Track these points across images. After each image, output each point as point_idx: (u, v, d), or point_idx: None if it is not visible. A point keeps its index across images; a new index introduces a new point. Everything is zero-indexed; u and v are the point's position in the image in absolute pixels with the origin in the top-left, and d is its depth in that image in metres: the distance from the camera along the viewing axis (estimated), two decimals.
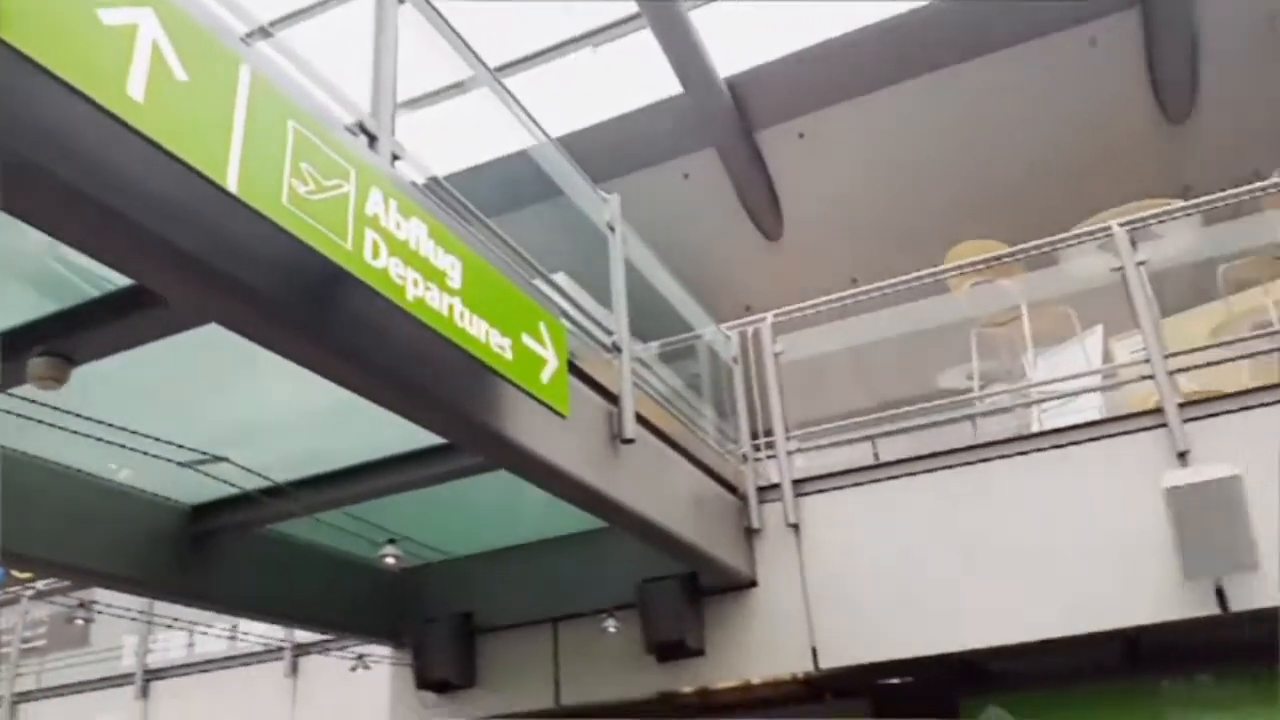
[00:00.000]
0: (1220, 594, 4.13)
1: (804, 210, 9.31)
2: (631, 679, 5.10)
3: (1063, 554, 4.40)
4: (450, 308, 2.50)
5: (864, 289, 5.52)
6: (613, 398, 3.89)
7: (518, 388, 2.81)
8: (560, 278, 4.18)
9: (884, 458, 5.12)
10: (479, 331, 2.60)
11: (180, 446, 3.62)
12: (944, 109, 8.28)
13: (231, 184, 1.92)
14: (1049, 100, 8.06)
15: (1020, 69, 7.97)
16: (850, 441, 5.64)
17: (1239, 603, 4.11)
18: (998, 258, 5.34)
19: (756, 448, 5.31)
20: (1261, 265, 5.37)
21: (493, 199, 3.66)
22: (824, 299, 5.52)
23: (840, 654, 4.69)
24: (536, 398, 2.89)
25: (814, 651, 4.72)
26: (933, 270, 5.44)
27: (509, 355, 2.72)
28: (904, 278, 5.35)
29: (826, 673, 4.82)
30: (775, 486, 5.09)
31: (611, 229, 4.28)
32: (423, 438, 3.53)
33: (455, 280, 2.55)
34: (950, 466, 4.80)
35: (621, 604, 5.08)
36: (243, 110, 1.97)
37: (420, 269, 2.42)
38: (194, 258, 2.09)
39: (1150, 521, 4.16)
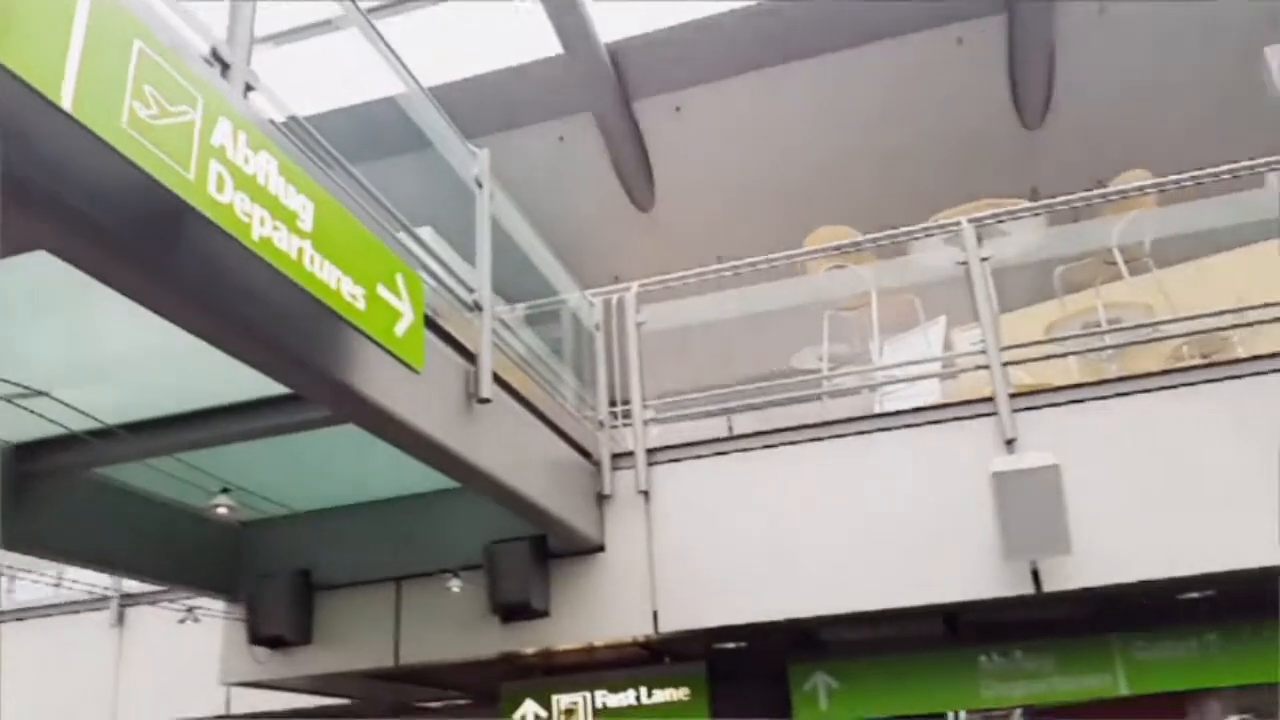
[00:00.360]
0: (1035, 575, 4.42)
1: (676, 184, 9.39)
2: (474, 639, 5.09)
3: (894, 531, 4.62)
4: (300, 251, 2.40)
5: (727, 265, 5.62)
6: (471, 357, 3.83)
7: (370, 339, 2.74)
8: (425, 232, 4.07)
9: (738, 432, 5.25)
10: (330, 278, 2.51)
11: None
12: (816, 95, 8.49)
13: (66, 101, 1.78)
14: (914, 95, 8.37)
15: (890, 62, 8.24)
16: (706, 415, 5.76)
17: (1052, 583, 4.40)
18: (855, 244, 5.52)
19: (614, 415, 5.36)
20: (1094, 268, 5.73)
21: (357, 145, 3.53)
22: (689, 272, 5.60)
23: (680, 619, 4.81)
24: (389, 351, 2.82)
25: (655, 615, 4.82)
26: (792, 252, 5.59)
27: (361, 305, 2.64)
28: (765, 257, 5.47)
29: (666, 636, 4.94)
30: (629, 454, 5.14)
31: (479, 184, 4.20)
32: (267, 386, 3.39)
33: (307, 222, 2.45)
34: (796, 442, 4.96)
35: (468, 565, 5.05)
36: (82, 24, 1.83)
37: (269, 207, 2.31)
38: (21, 179, 1.93)
39: (977, 504, 4.39)
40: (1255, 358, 4.57)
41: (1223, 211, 5.48)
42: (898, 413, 4.96)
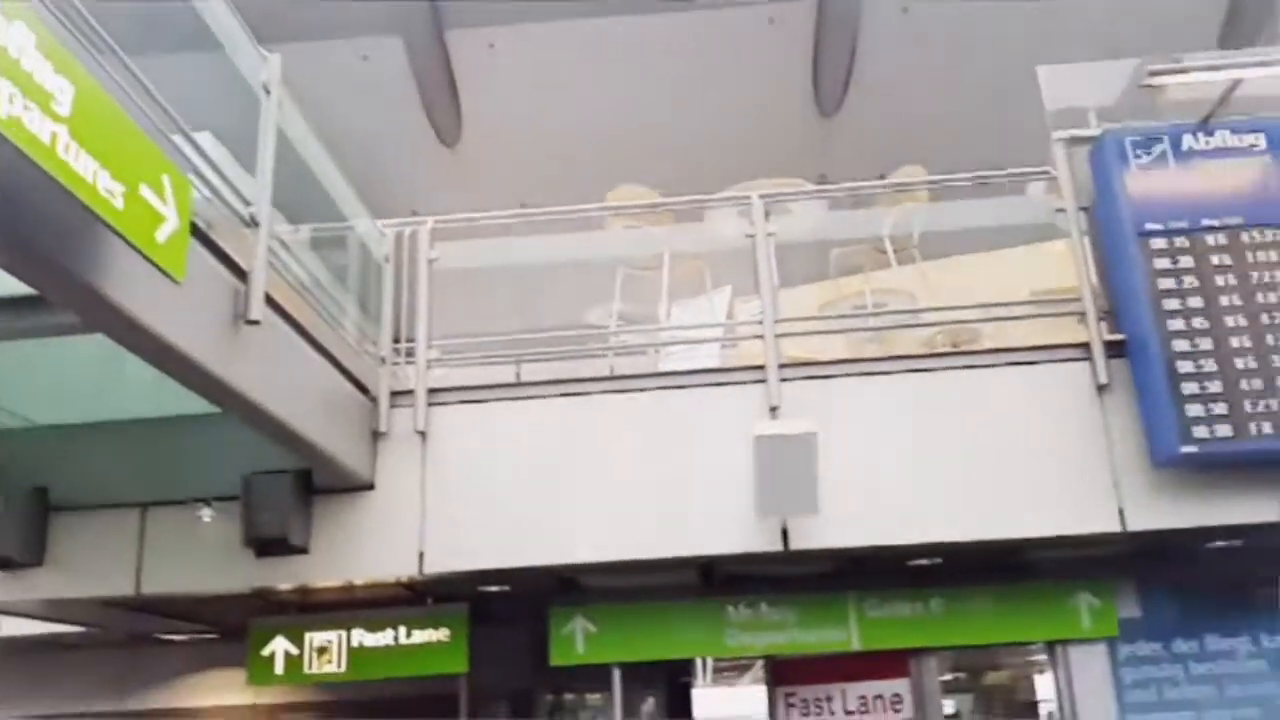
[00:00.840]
0: (785, 533, 4.72)
1: (484, 123, 9.20)
2: (225, 572, 4.87)
3: (660, 484, 4.79)
4: (53, 136, 2.19)
5: (529, 212, 5.60)
6: (243, 275, 3.62)
7: (126, 242, 2.53)
8: (204, 137, 3.79)
9: (525, 380, 5.27)
10: (85, 170, 2.30)
11: None
12: (630, 54, 8.53)
13: None
14: (722, 68, 8.57)
15: (703, 32, 8.40)
16: (493, 360, 5.74)
17: (799, 542, 4.71)
18: (652, 206, 5.64)
19: (397, 352, 5.24)
20: (866, 255, 6.13)
21: (137, 35, 3.23)
22: (488, 214, 5.53)
23: (446, 561, 4.80)
24: (147, 257, 2.62)
25: (421, 557, 4.79)
26: (591, 206, 5.63)
27: (119, 203, 2.44)
28: (566, 208, 5.48)
29: (431, 578, 4.92)
30: (409, 393, 5.05)
31: (267, 91, 3.95)
32: (6, 284, 3.08)
33: (64, 107, 2.23)
34: (578, 394, 5.03)
35: (224, 495, 4.81)
36: None
37: (20, 84, 2.09)
38: None
39: (738, 464, 4.59)
40: (998, 350, 5.04)
41: (986, 213, 5.97)
42: (674, 373, 5.13)
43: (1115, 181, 4.70)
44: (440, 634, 5.64)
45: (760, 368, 4.94)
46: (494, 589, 5.50)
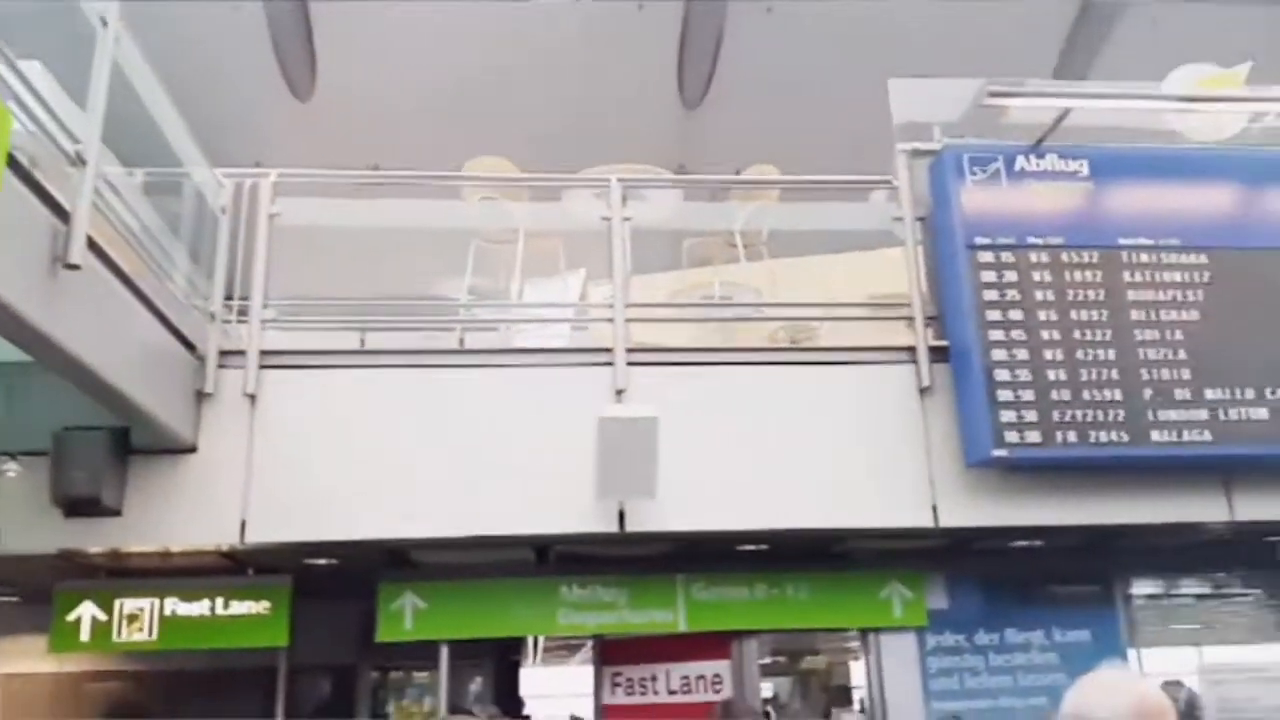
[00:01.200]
0: (621, 515, 4.78)
1: (340, 80, 8.86)
2: (27, 532, 4.53)
3: (501, 462, 4.76)
4: None
5: (381, 174, 5.45)
6: (65, 215, 3.37)
7: None
8: (32, 66, 3.50)
9: (370, 348, 5.13)
10: None
11: None
12: (496, 28, 8.39)
13: None
14: (590, 50, 8.55)
15: (572, 12, 8.34)
16: (336, 326, 5.56)
17: (635, 524, 4.78)
18: (512, 181, 5.58)
19: (230, 309, 4.99)
20: (718, 248, 6.26)
21: None
22: (337, 173, 5.35)
23: (269, 530, 4.62)
24: None
25: (243, 525, 4.59)
26: (448, 174, 5.53)
27: None
28: (420, 174, 5.36)
29: (253, 548, 4.74)
30: (240, 353, 4.82)
31: (104, 23, 3.68)
32: None
33: None
34: (425, 366, 4.94)
35: (32, 450, 4.48)
36: None
37: None
38: None
39: (580, 445, 4.60)
40: (834, 349, 5.25)
41: (831, 217, 6.19)
42: (523, 350, 5.11)
43: (951, 195, 4.97)
44: (260, 606, 5.44)
45: (608, 351, 4.97)
46: (321, 562, 5.34)
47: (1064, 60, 8.88)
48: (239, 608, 5.43)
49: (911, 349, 5.07)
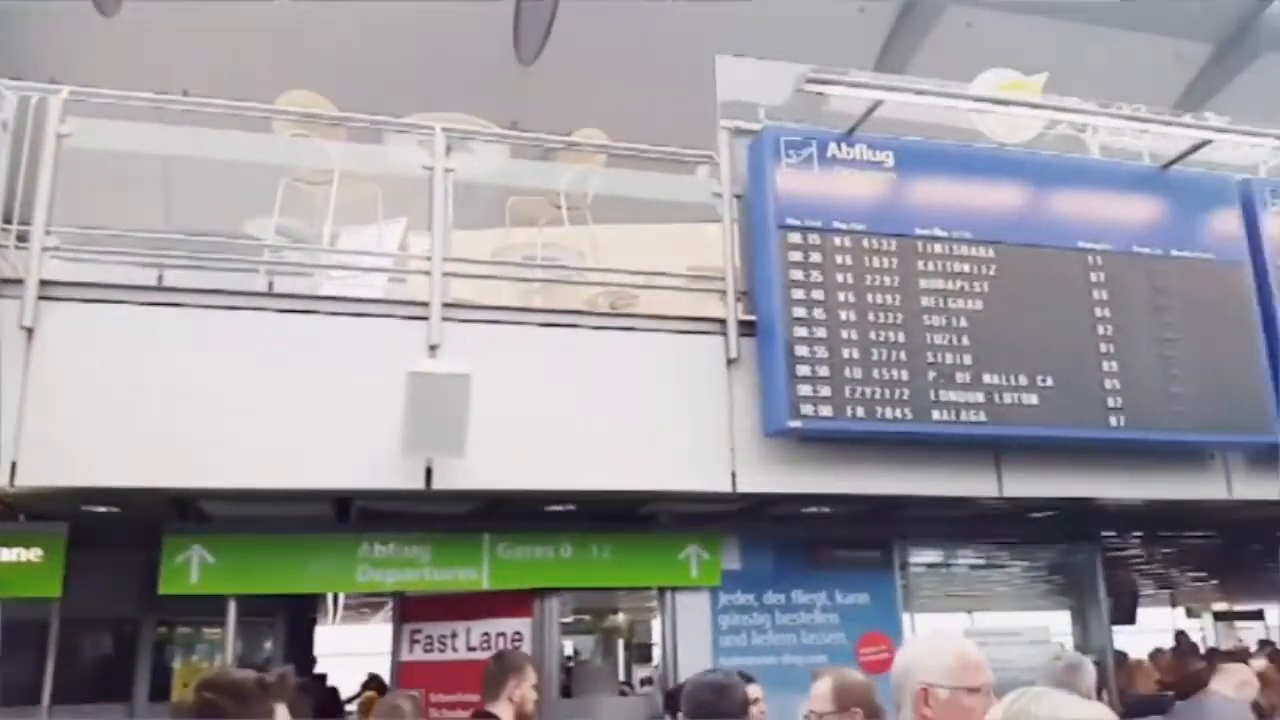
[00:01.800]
0: (429, 472, 4.72)
1: None
2: None
3: (305, 412, 4.60)
4: None
5: (187, 100, 5.12)
6: None
7: None
8: None
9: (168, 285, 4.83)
10: None
11: None
12: None
13: None
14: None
15: None
16: (130, 259, 5.19)
17: (442, 482, 4.73)
18: (332, 119, 5.36)
19: (6, 234, 4.58)
20: (542, 208, 6.24)
21: None
22: (139, 94, 4.97)
23: (43, 474, 4.29)
24: None
25: (13, 468, 4.26)
26: (261, 105, 5.25)
27: None
28: (233, 103, 5.06)
29: (24, 492, 4.40)
30: (17, 282, 4.44)
31: None
32: None
33: None
34: (228, 308, 4.68)
35: None
36: None
37: None
38: None
39: (389, 400, 4.50)
40: (650, 316, 5.34)
41: (656, 186, 6.28)
42: (335, 298, 4.94)
43: (766, 175, 5.14)
44: (31, 554, 5.07)
45: (424, 305, 4.88)
46: (100, 510, 5.03)
47: (885, 54, 9.32)
48: (7, 555, 5.05)
49: (722, 321, 5.23)
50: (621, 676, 9.89)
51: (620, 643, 11.14)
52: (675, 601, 5.82)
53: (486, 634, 5.82)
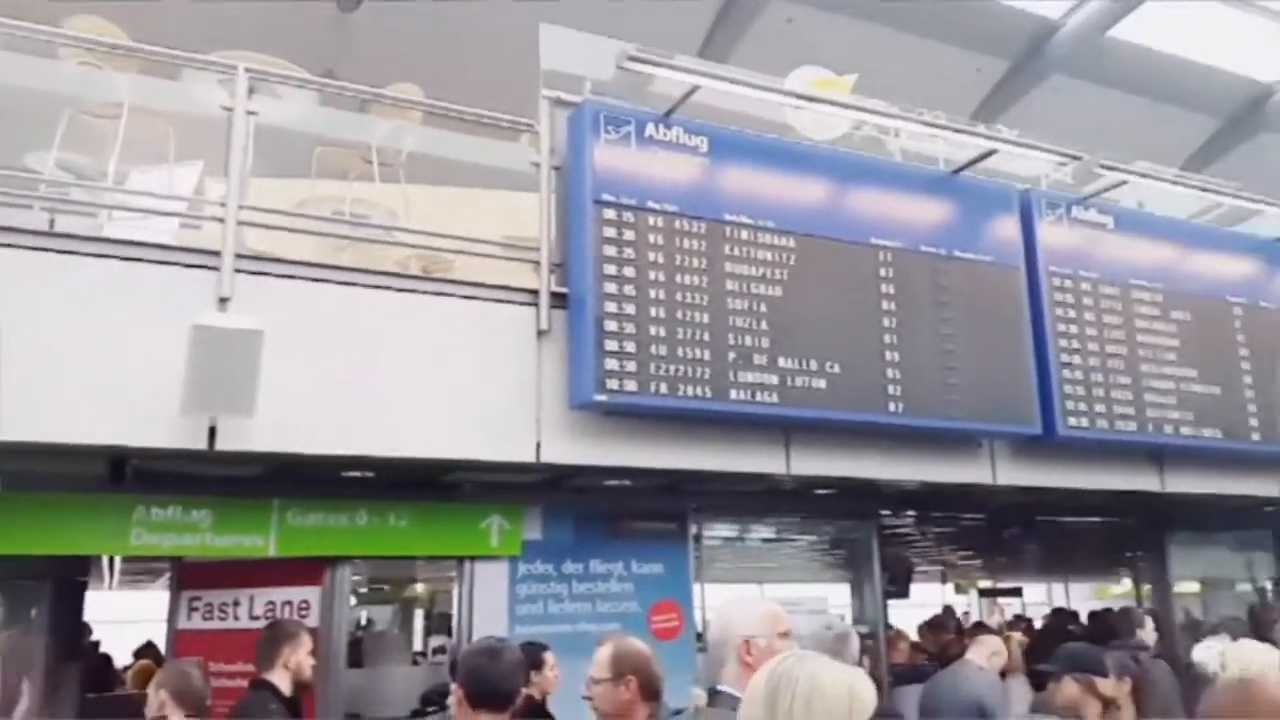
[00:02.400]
0: (213, 432, 4.49)
1: None
2: None
3: (80, 364, 4.26)
4: None
5: None
6: None
7: None
8: None
9: None
10: None
11: None
12: None
13: None
14: None
15: None
16: None
17: (228, 443, 4.50)
18: (127, 49, 4.95)
19: None
20: (352, 161, 6.01)
21: None
22: None
23: None
24: None
25: None
26: (44, 29, 4.79)
27: None
28: (9, 21, 4.59)
29: None
30: None
31: None
32: None
33: None
34: (7, 246, 4.27)
35: None
36: None
37: None
38: None
39: (174, 353, 4.24)
40: (463, 283, 5.26)
41: (474, 150, 6.18)
42: (119, 241, 4.59)
43: (584, 149, 5.14)
44: None
45: (216, 254, 4.61)
46: None
47: (708, 44, 9.52)
48: None
49: (535, 292, 5.22)
50: (419, 647, 9.76)
51: (420, 612, 10.99)
52: (474, 571, 5.80)
53: (272, 602, 5.62)
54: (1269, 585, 9.36)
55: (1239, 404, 6.89)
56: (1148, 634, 6.26)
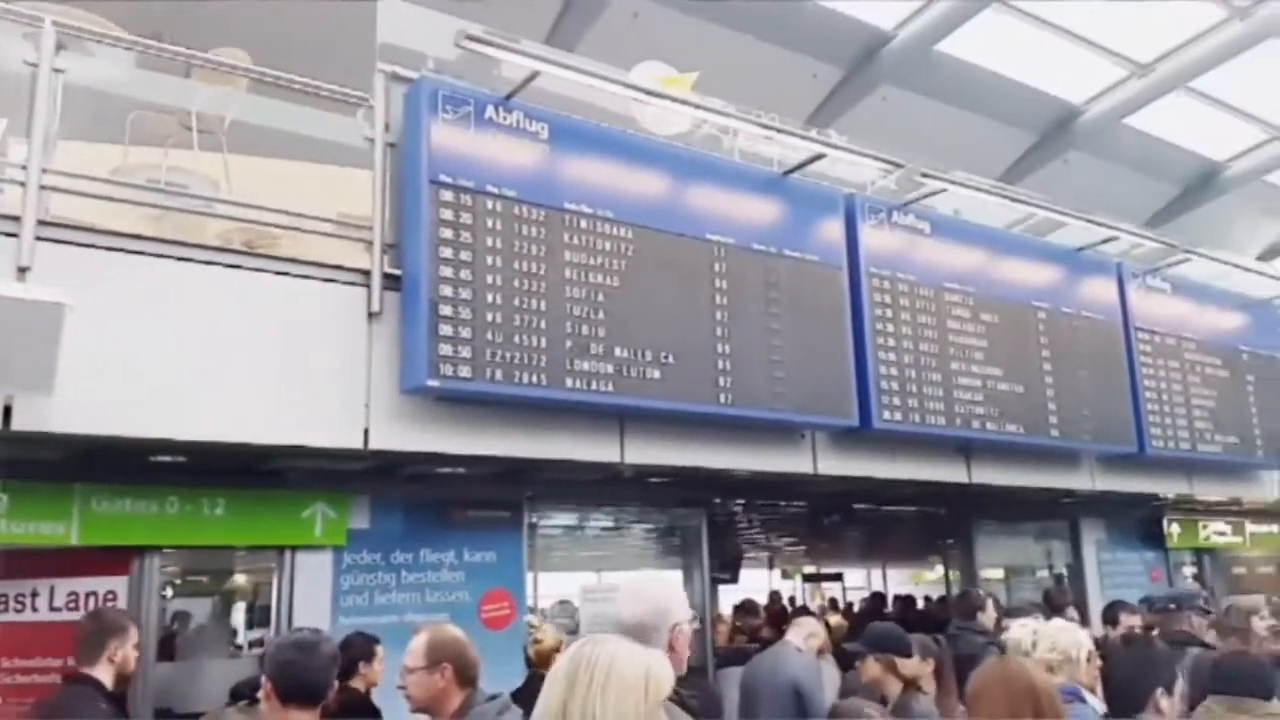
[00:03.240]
0: (7, 411, 4.17)
1: None
2: None
3: None
4: None
5: None
6: None
7: None
8: None
9: None
10: None
11: None
12: None
13: None
14: None
15: None
16: None
17: (24, 423, 4.20)
18: None
19: None
20: (171, 127, 5.67)
21: None
22: None
23: None
24: None
25: None
26: None
27: None
28: None
29: None
30: None
31: None
32: None
33: None
34: None
35: None
36: None
37: None
38: None
39: None
40: (291, 260, 5.06)
41: (307, 121, 5.94)
42: None
43: (421, 128, 5.02)
44: None
45: (15, 219, 4.27)
46: None
47: (554, 32, 9.49)
48: None
49: (366, 273, 5.08)
50: (241, 640, 9.37)
51: (243, 604, 10.54)
52: (295, 561, 5.63)
53: (74, 593, 5.28)
54: (1064, 571, 10.13)
55: (1040, 402, 7.43)
56: (988, 616, 6.55)
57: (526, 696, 4.08)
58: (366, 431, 4.97)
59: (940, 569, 13.31)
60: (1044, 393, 7.48)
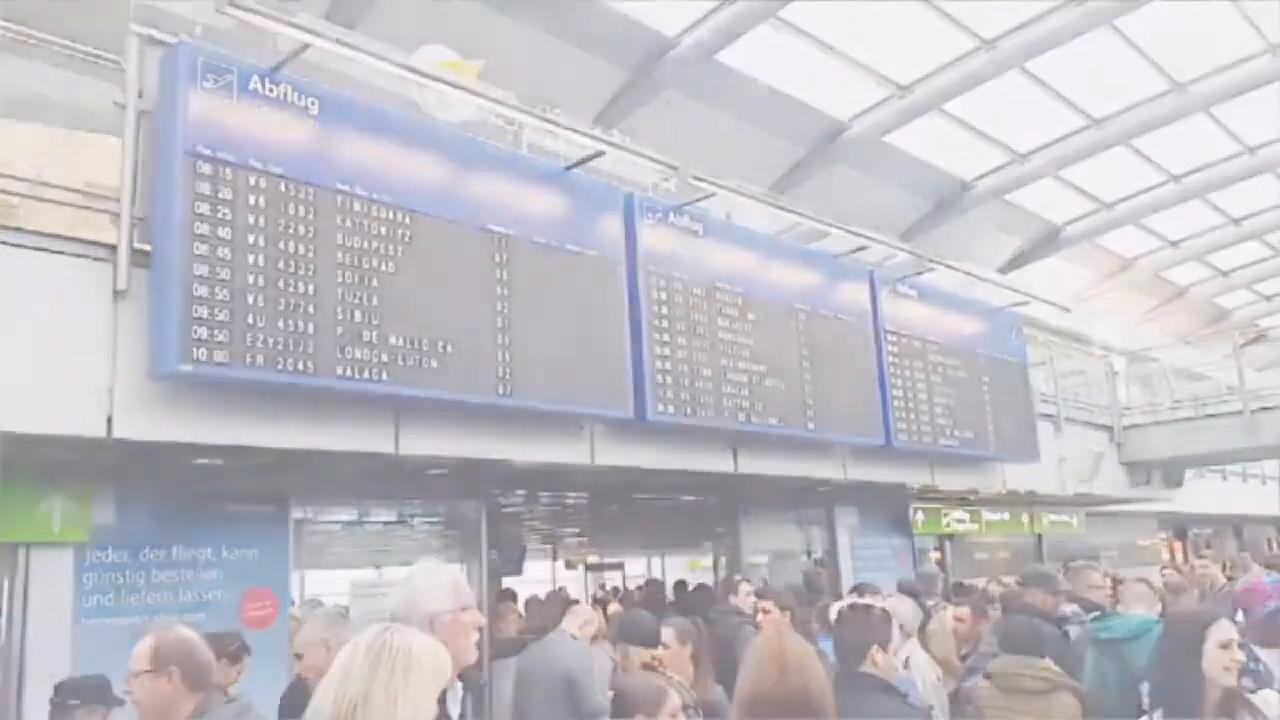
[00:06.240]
0: None
1: None
2: None
3: None
4: None
5: None
6: None
7: None
8: None
9: None
10: None
11: None
12: None
13: None
14: None
15: None
16: None
17: None
18: None
19: None
20: None
21: None
22: None
23: None
24: None
25: None
26: None
27: None
28: None
29: None
30: None
31: None
32: None
33: None
34: None
35: None
36: None
37: None
38: None
39: None
40: (20, 230, 4.62)
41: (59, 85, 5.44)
42: None
43: (178, 95, 4.69)
44: None
45: None
46: None
47: (335, 9, 9.14)
48: None
49: (113, 248, 4.72)
50: None
51: None
52: (29, 559, 5.16)
53: None
54: (823, 556, 10.78)
55: (799, 397, 7.87)
56: (742, 599, 6.99)
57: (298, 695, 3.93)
58: (110, 419, 4.62)
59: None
60: (803, 388, 7.92)
